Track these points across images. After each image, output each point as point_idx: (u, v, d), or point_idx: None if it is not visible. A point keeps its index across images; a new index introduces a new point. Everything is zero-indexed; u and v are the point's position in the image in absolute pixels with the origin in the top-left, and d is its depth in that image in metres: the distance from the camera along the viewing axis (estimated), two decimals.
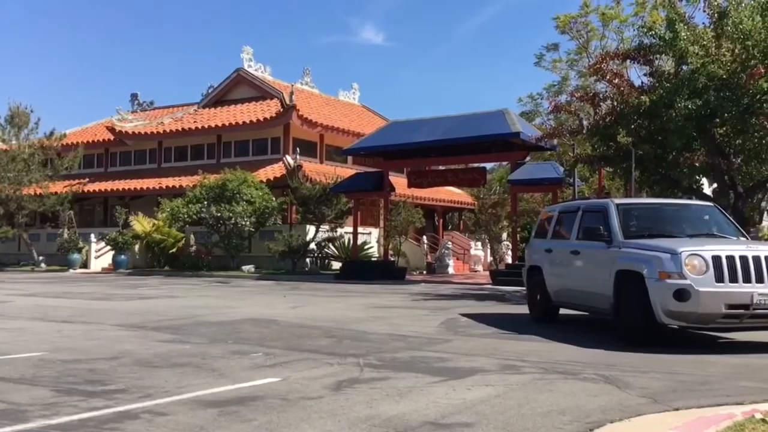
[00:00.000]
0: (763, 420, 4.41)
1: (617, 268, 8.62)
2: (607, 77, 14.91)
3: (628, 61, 16.42)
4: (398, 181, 26.29)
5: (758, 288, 7.63)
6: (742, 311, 7.68)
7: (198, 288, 19.79)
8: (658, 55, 15.34)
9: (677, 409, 5.20)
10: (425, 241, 31.43)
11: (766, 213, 34.20)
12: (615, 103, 14.94)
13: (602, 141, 15.59)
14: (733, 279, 7.68)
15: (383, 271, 22.99)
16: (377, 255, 27.71)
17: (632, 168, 15.20)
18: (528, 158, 22.11)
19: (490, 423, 4.67)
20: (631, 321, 8.29)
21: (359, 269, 23.18)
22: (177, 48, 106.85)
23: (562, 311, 10.97)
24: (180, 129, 33.29)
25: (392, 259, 25.17)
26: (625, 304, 8.41)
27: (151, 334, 9.39)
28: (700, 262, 7.75)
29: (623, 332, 8.51)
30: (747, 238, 9.78)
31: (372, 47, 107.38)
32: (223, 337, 9.07)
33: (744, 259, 7.74)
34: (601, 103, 15.46)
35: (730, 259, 7.74)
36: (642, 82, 15.61)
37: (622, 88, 14.68)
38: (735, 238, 9.30)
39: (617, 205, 9.53)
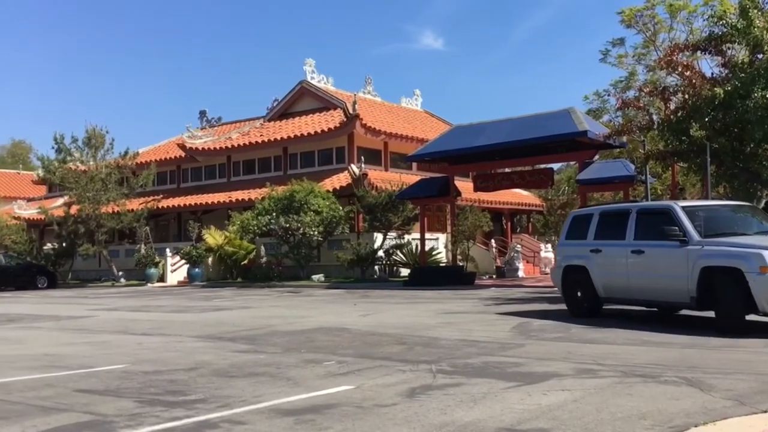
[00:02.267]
0: None
1: (703, 264, 9.37)
2: (679, 69, 14.41)
3: (698, 52, 15.86)
4: (464, 186, 26.14)
5: None
6: None
7: (270, 298, 20.14)
8: (730, 45, 14.77)
9: (766, 411, 4.98)
10: (493, 245, 31.10)
11: None
12: (687, 97, 14.45)
13: (674, 136, 15.08)
14: None
15: (452, 277, 22.85)
16: (445, 260, 27.57)
17: (707, 163, 14.68)
18: (596, 157, 21.61)
19: (568, 428, 4.57)
20: (728, 311, 9.12)
21: (428, 275, 23.12)
22: (242, 64, 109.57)
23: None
24: (247, 143, 34.02)
25: (461, 264, 25.00)
26: (720, 297, 9.18)
27: (227, 345, 9.61)
28: None
29: (719, 322, 9.32)
30: None
31: (432, 53, 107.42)
32: (296, 347, 9.21)
33: None
34: (672, 97, 14.97)
35: None
36: (713, 74, 15.05)
37: (693, 81, 14.18)
38: None
39: (683, 207, 10.31)
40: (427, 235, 25.31)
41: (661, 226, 10.00)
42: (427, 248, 25.34)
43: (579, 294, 11.71)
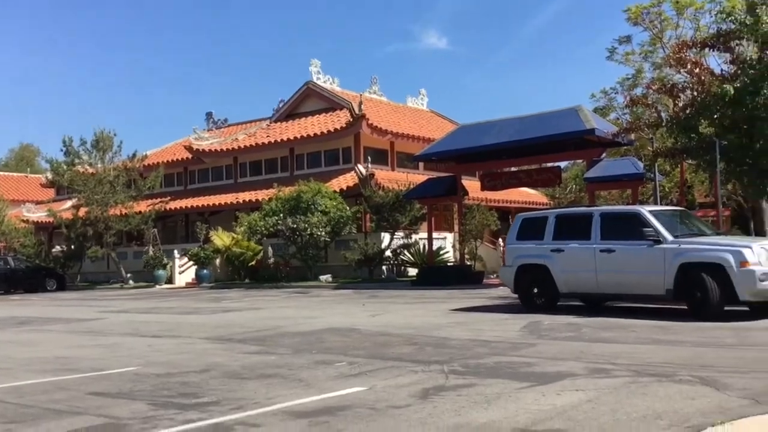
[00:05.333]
0: None
1: (682, 261, 10.77)
2: (688, 66, 14.35)
3: (706, 49, 15.79)
4: (471, 185, 26.07)
5: None
6: None
7: (278, 299, 20.15)
8: (738, 42, 14.70)
9: None
10: (501, 244, 31.01)
11: None
12: (695, 94, 14.39)
13: (683, 133, 15.02)
14: None
15: (460, 276, 22.82)
16: (453, 260, 27.52)
17: (717, 159, 14.62)
18: (604, 155, 21.51)
19: (584, 429, 4.55)
20: (707, 302, 10.44)
21: (436, 275, 23.09)
22: (248, 66, 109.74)
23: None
24: (254, 144, 34.06)
25: (469, 263, 24.95)
26: (701, 290, 10.48)
27: (238, 347, 9.61)
28: (767, 253, 10.40)
29: (695, 311, 10.68)
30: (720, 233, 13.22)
31: (437, 52, 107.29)
32: (306, 348, 9.20)
33: None
34: (681, 94, 14.91)
35: None
36: (722, 70, 14.98)
37: (702, 78, 14.12)
38: (714, 233, 12.47)
39: (650, 212, 11.74)
40: (435, 235, 25.26)
41: (634, 228, 11.37)
42: (434, 248, 25.30)
43: (535, 290, 12.84)
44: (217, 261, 31.04)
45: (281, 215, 27.00)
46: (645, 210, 11.93)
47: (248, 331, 11.46)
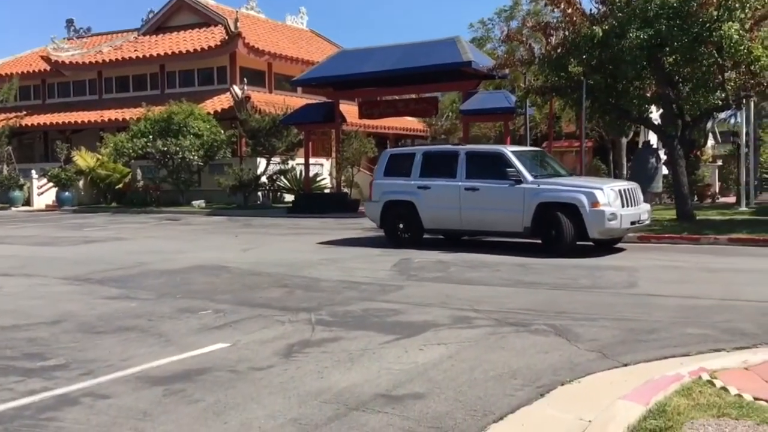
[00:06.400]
0: (709, 382, 4.46)
1: (540, 200, 11.45)
2: (561, 6, 14.56)
3: None
4: (350, 110, 25.77)
5: (636, 209, 11.58)
6: (636, 225, 11.73)
7: (146, 227, 19.35)
8: None
9: (626, 365, 5.26)
10: None
11: (711, 135, 34.84)
12: (567, 33, 14.69)
13: (554, 71, 15.40)
14: (627, 204, 11.39)
15: (336, 204, 22.79)
16: (330, 186, 27.43)
17: (583, 99, 15.16)
18: (480, 87, 21.82)
19: (442, 392, 4.63)
20: (562, 239, 11.23)
21: (312, 202, 22.93)
22: None
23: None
24: (120, 58, 31.84)
25: (345, 191, 24.95)
26: (556, 227, 11.24)
27: (97, 290, 9.11)
28: (616, 194, 11.22)
29: (550, 247, 11.42)
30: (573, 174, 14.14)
31: None
32: (171, 291, 8.86)
33: (627, 191, 11.56)
34: (553, 33, 15.17)
35: (624, 191, 11.46)
36: (592, 10, 15.32)
37: (574, 18, 14.40)
38: (569, 174, 13.36)
39: (513, 152, 12.34)
40: (312, 161, 24.96)
41: (498, 168, 11.93)
42: (311, 174, 25.05)
43: (401, 226, 13.06)
44: (81, 183, 29.33)
45: (151, 137, 25.67)
46: (508, 150, 12.49)
47: (110, 269, 10.90)
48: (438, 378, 4.94)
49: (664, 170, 18.50)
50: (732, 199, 21.51)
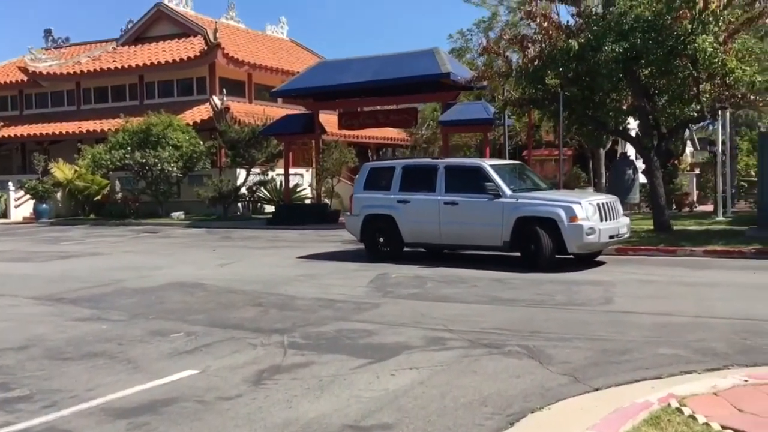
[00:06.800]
0: (678, 410, 4.45)
1: (519, 215, 11.43)
2: (537, 20, 14.64)
3: (556, 1, 16.17)
4: (330, 120, 25.73)
5: (615, 224, 11.59)
6: (614, 240, 11.69)
7: (124, 241, 19.16)
8: None
9: (597, 389, 5.24)
10: None
11: (689, 142, 35.20)
12: (543, 46, 14.76)
13: (531, 84, 15.46)
14: (606, 218, 11.39)
15: (316, 215, 22.72)
16: (311, 197, 27.33)
17: (560, 111, 15.23)
18: (460, 96, 21.87)
19: (411, 422, 4.58)
20: (541, 253, 11.18)
21: (292, 213, 22.83)
22: None
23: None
24: (98, 69, 31.58)
25: (326, 201, 24.88)
26: (535, 241, 11.21)
27: (68, 310, 8.97)
28: (594, 208, 11.22)
29: (528, 261, 11.38)
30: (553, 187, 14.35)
31: None
32: (144, 311, 8.75)
33: (606, 205, 11.52)
34: (530, 45, 15.23)
35: (602, 205, 11.43)
36: (569, 22, 15.41)
37: (550, 32, 14.48)
38: (548, 187, 13.34)
39: (491, 166, 12.27)
40: (292, 171, 24.88)
41: (477, 182, 11.89)
42: (291, 184, 24.96)
43: (381, 240, 13.04)
44: (59, 195, 29.03)
45: (129, 149, 25.46)
46: (486, 165, 12.39)
47: (84, 287, 10.76)
48: (408, 406, 4.89)
49: (642, 179, 18.63)
50: (710, 207, 21.68)
